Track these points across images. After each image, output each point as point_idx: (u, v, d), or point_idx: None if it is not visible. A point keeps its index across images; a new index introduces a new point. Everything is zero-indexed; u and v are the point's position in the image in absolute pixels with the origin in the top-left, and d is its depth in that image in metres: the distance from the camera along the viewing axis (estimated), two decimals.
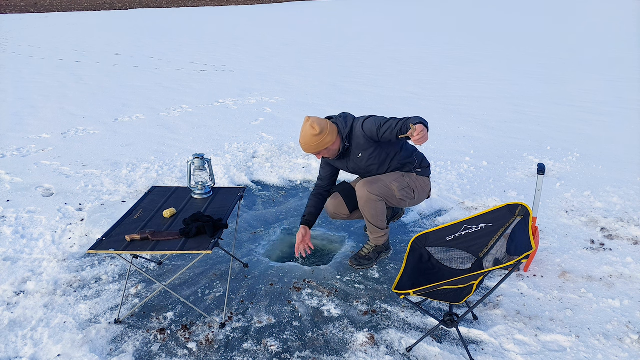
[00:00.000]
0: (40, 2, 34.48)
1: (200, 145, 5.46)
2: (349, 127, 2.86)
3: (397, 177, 2.94)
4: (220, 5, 36.95)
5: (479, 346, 2.41)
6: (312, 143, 2.78)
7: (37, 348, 2.42)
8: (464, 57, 12.17)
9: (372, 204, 2.88)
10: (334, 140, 2.80)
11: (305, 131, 2.78)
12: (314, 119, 2.77)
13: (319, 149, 2.81)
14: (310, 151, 2.84)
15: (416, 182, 2.99)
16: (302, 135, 2.81)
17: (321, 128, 2.74)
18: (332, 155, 2.91)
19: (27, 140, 5.69)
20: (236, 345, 2.45)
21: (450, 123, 6.33)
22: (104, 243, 2.42)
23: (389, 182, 2.90)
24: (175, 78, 9.70)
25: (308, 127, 2.76)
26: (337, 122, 2.87)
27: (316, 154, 2.88)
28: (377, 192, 2.86)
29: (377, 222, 2.98)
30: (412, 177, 2.98)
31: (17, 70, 10.51)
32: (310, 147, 2.80)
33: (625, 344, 2.40)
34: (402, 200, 2.96)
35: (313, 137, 2.75)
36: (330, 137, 2.78)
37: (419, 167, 3.04)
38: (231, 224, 3.56)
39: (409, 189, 2.96)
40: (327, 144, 2.79)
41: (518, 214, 2.32)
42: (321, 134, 2.74)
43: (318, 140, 2.76)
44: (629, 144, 5.45)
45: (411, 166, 3.01)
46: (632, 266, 3.04)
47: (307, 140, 2.78)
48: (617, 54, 12.09)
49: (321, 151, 2.85)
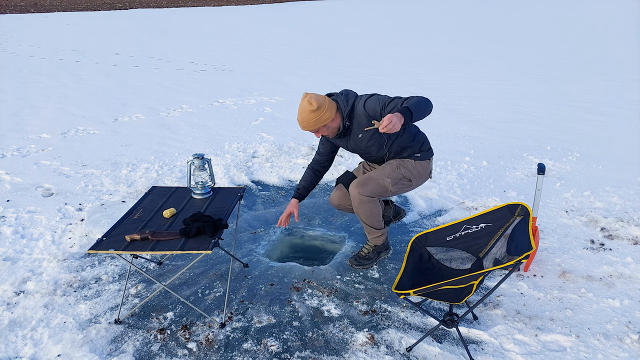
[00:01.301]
0: (40, 2, 34.47)
1: (200, 145, 5.46)
2: (350, 106, 2.73)
3: (392, 169, 2.86)
4: (220, 5, 36.95)
5: (479, 346, 2.41)
6: (310, 119, 2.65)
7: (37, 348, 2.42)
8: (464, 57, 12.17)
9: (365, 205, 2.84)
10: (332, 116, 2.69)
11: (303, 107, 2.66)
12: (311, 95, 2.65)
13: (317, 125, 2.69)
14: (308, 128, 2.71)
15: (413, 170, 2.90)
16: (299, 111, 2.69)
17: (319, 104, 2.63)
18: (332, 134, 2.80)
19: (27, 140, 5.69)
20: (236, 345, 2.45)
21: (450, 123, 6.33)
22: (104, 243, 2.42)
23: (382, 178, 2.83)
24: (175, 78, 9.70)
25: (305, 103, 2.64)
26: (338, 99, 2.74)
27: (314, 131, 2.76)
28: (369, 192, 2.81)
29: (372, 222, 2.96)
30: (408, 166, 2.89)
31: (17, 70, 10.51)
32: (308, 124, 2.68)
33: (625, 344, 2.40)
34: (398, 192, 2.91)
35: (311, 113, 2.63)
36: (328, 113, 2.66)
37: (418, 152, 2.93)
38: (231, 224, 3.56)
39: (404, 180, 2.88)
40: (325, 120, 2.67)
41: (518, 214, 2.32)
42: (319, 109, 2.63)
43: (316, 116, 2.64)
44: (629, 144, 5.45)
45: (410, 151, 2.90)
46: (632, 266, 3.04)
47: (305, 117, 2.66)
48: (617, 54, 12.09)
49: (320, 128, 2.73)
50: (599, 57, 11.77)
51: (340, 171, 4.62)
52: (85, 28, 20.01)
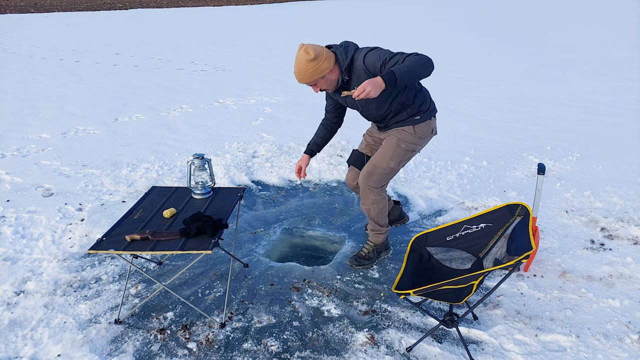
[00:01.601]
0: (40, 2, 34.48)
1: (200, 145, 5.46)
2: (349, 59, 2.57)
3: (393, 150, 2.78)
4: (220, 5, 36.94)
5: (479, 346, 2.41)
6: (307, 70, 2.50)
7: (37, 348, 2.42)
8: (464, 57, 12.17)
9: (372, 198, 2.86)
10: (331, 67, 2.53)
11: (299, 57, 2.51)
12: (308, 45, 2.51)
13: (314, 77, 2.53)
14: (305, 80, 2.56)
15: (414, 139, 2.79)
16: (295, 63, 2.53)
17: (316, 53, 2.48)
18: (331, 87, 2.65)
19: (27, 140, 5.69)
20: (236, 345, 2.45)
21: (450, 123, 6.33)
22: (104, 243, 2.42)
23: (386, 162, 2.80)
24: (175, 78, 9.70)
25: (302, 53, 2.49)
26: (337, 51, 2.59)
27: (312, 84, 2.60)
28: (377, 184, 2.82)
29: (378, 218, 2.98)
30: (408, 137, 2.79)
31: (17, 70, 10.51)
32: (305, 75, 2.53)
33: (625, 344, 2.40)
34: (405, 163, 2.88)
35: (308, 63, 2.48)
36: (327, 63, 2.51)
37: (417, 113, 2.78)
38: (231, 224, 3.56)
39: (408, 153, 2.82)
40: (323, 71, 2.52)
41: (518, 214, 2.32)
42: (316, 59, 2.48)
43: (313, 66, 2.49)
44: (629, 144, 5.45)
45: (410, 110, 2.76)
46: (632, 266, 3.04)
47: (302, 68, 2.51)
48: (617, 54, 12.09)
49: (317, 80, 2.57)
50: (599, 57, 11.77)
51: (340, 171, 4.62)
52: (85, 28, 20.01)
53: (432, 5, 32.77)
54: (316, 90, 2.68)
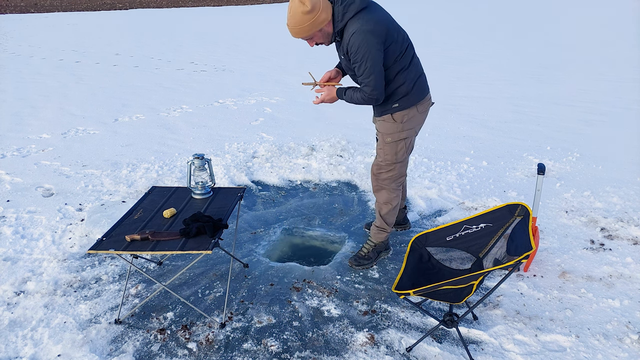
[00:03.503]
0: (40, 2, 34.48)
1: (200, 145, 5.46)
2: (343, 22, 2.40)
3: (382, 145, 2.80)
4: (220, 5, 36.94)
5: (479, 346, 2.41)
6: (304, 23, 2.33)
7: (37, 348, 2.42)
8: (464, 57, 12.17)
9: (388, 195, 2.91)
10: (329, 18, 2.37)
11: (294, 9, 2.33)
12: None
13: (312, 30, 2.37)
14: (301, 34, 2.41)
15: (397, 125, 2.68)
16: (289, 15, 2.36)
17: (313, 4, 2.31)
18: (327, 40, 2.51)
19: (27, 140, 5.69)
20: (236, 345, 2.45)
21: (450, 123, 6.33)
22: (104, 243, 2.42)
23: (383, 158, 2.81)
24: (175, 78, 9.70)
25: (297, 4, 2.32)
26: (335, 6, 2.42)
27: (308, 38, 2.46)
28: (388, 180, 2.87)
29: (388, 216, 3.00)
30: (389, 126, 2.70)
31: (17, 71, 10.51)
32: (301, 28, 2.36)
33: (625, 344, 2.40)
34: (412, 145, 2.84)
35: (304, 16, 2.32)
36: (324, 14, 2.35)
37: (395, 102, 2.64)
38: (231, 224, 3.56)
39: (400, 142, 2.75)
40: (321, 23, 2.36)
41: (518, 214, 2.32)
42: (313, 11, 2.31)
43: (310, 19, 2.33)
44: (629, 144, 5.45)
45: (389, 102, 2.66)
46: (632, 266, 3.04)
47: (298, 20, 2.34)
48: (616, 54, 12.09)
49: (314, 33, 2.42)
50: (598, 57, 11.77)
51: (340, 171, 4.62)
52: (85, 28, 20.01)
53: (432, 5, 32.78)
54: (311, 45, 2.56)
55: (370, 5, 2.51)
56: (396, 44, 2.53)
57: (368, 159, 4.90)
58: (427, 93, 2.79)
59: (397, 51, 2.54)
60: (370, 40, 2.38)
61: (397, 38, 2.54)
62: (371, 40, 2.38)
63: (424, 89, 2.76)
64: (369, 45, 2.38)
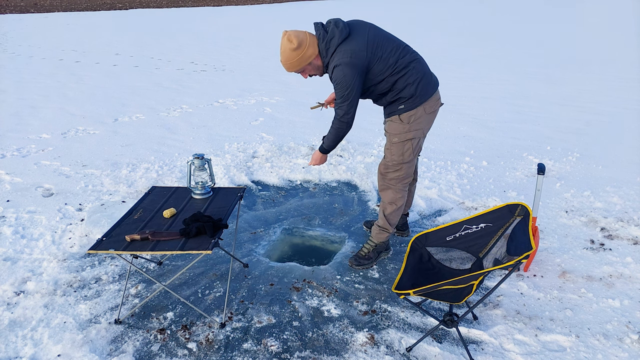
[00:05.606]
0: (40, 2, 34.48)
1: (200, 145, 5.46)
2: (328, 57, 2.59)
3: (390, 145, 2.84)
4: (220, 5, 36.93)
5: (479, 346, 2.41)
6: (293, 59, 2.56)
7: (37, 348, 2.42)
8: (464, 57, 12.17)
9: (393, 195, 2.92)
10: (316, 52, 2.57)
11: (284, 47, 2.55)
12: (291, 32, 2.54)
13: (301, 64, 2.58)
14: (293, 69, 2.62)
15: (404, 125, 2.75)
16: (281, 51, 2.58)
17: (299, 41, 2.52)
18: (319, 72, 2.69)
19: (27, 140, 5.69)
20: (236, 345, 2.45)
21: (450, 123, 6.33)
22: (104, 243, 2.42)
23: (390, 158, 2.85)
24: (175, 78, 9.70)
25: (285, 42, 2.53)
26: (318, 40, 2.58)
27: (300, 71, 2.66)
28: (395, 180, 2.88)
29: (391, 217, 3.00)
30: (397, 127, 2.76)
31: (17, 71, 10.50)
32: (291, 64, 2.58)
33: (625, 344, 2.40)
34: (420, 145, 2.88)
35: (292, 52, 2.53)
36: (311, 49, 2.55)
37: (400, 103, 2.73)
38: (231, 224, 3.56)
39: (407, 142, 2.79)
40: (308, 58, 2.56)
41: (518, 214, 2.32)
42: (300, 47, 2.52)
43: (298, 54, 2.54)
44: (629, 144, 5.45)
45: (390, 98, 2.74)
46: (632, 266, 3.04)
47: (287, 57, 2.57)
48: (616, 54, 12.09)
49: (305, 67, 2.62)
50: (599, 57, 11.77)
51: (340, 171, 4.62)
52: (85, 28, 20.00)
53: (432, 5, 32.78)
54: (305, 77, 2.74)
55: (352, 33, 2.60)
56: (381, 61, 2.62)
57: (368, 159, 4.90)
58: (433, 93, 2.83)
59: (386, 65, 2.64)
60: (348, 72, 2.55)
61: (383, 54, 2.62)
62: (348, 72, 2.55)
63: (429, 89, 2.79)
64: (346, 76, 2.55)
